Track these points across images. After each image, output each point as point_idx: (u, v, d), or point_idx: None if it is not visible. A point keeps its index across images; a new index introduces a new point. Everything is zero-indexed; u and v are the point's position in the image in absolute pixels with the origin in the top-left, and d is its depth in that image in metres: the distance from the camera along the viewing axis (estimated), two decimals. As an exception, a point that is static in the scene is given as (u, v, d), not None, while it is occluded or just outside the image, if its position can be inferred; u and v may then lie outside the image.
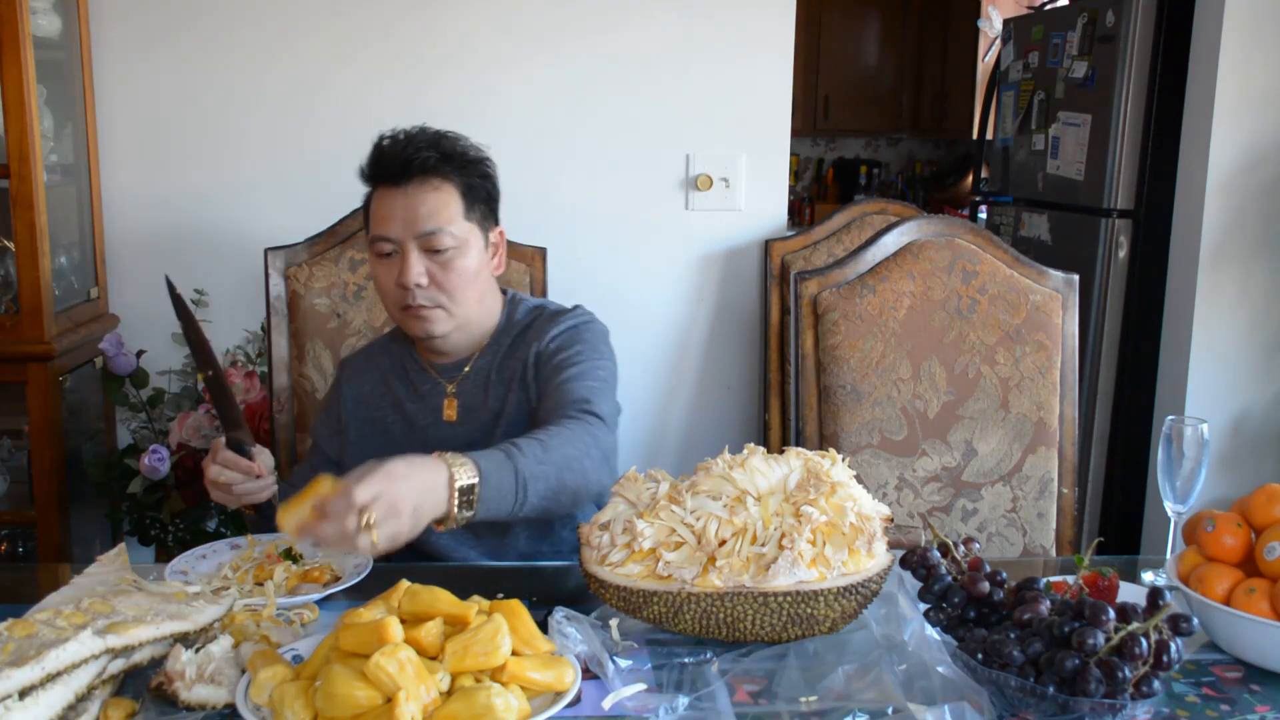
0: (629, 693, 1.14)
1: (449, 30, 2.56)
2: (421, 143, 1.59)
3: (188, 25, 2.51)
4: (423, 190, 1.59)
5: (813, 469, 1.27)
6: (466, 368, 1.69)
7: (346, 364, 1.81)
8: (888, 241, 1.96)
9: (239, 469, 1.50)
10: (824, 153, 6.53)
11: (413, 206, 1.58)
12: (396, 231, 1.58)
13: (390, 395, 1.72)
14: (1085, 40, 3.30)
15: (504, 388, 1.67)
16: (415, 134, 1.61)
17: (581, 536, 1.30)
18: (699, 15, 2.59)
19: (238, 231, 2.57)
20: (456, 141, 1.63)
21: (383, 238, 1.60)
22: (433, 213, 1.58)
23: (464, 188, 1.62)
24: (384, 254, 1.60)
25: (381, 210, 1.61)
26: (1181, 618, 1.11)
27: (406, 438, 1.70)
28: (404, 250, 1.58)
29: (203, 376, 1.53)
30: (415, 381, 1.71)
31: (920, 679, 1.14)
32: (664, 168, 2.66)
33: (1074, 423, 1.98)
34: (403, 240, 1.58)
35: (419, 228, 1.58)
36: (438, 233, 1.58)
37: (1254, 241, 2.95)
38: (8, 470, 2.52)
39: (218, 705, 1.10)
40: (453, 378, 1.69)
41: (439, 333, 1.63)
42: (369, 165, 1.63)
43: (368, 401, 1.74)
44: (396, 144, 1.60)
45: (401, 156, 1.58)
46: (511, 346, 1.69)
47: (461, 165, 1.62)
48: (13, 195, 2.26)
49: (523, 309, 1.73)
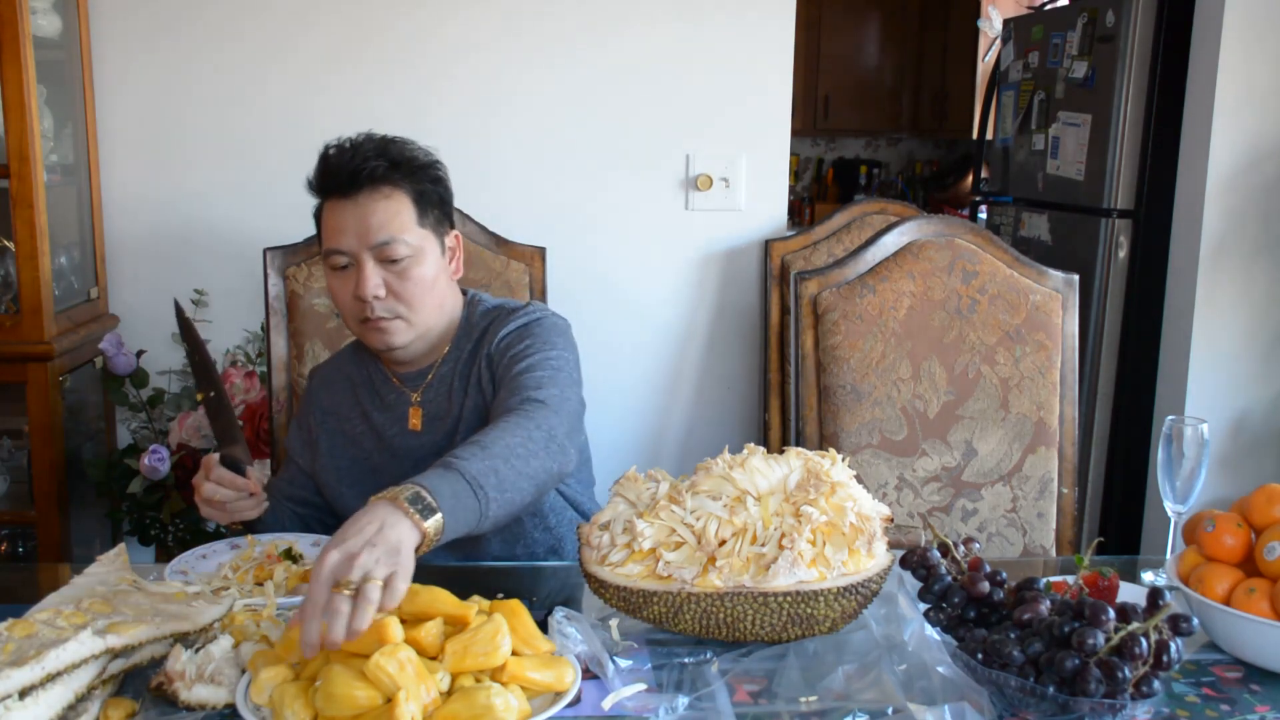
0: (629, 693, 1.14)
1: (448, 31, 2.56)
2: (369, 151, 1.56)
3: (187, 25, 2.51)
4: (373, 200, 1.55)
5: (813, 469, 1.27)
6: (430, 375, 1.65)
7: (315, 374, 1.78)
8: (888, 241, 1.96)
9: (234, 486, 1.48)
10: (824, 153, 6.53)
11: (364, 217, 1.54)
12: (350, 244, 1.55)
13: (358, 406, 1.69)
14: (1085, 40, 3.30)
15: (465, 393, 1.63)
16: (361, 142, 1.58)
17: (581, 536, 1.30)
18: (699, 15, 2.59)
19: (237, 231, 2.57)
20: (405, 147, 1.60)
21: (336, 250, 1.56)
22: (385, 222, 1.55)
23: (415, 194, 1.58)
24: (339, 267, 1.57)
25: (333, 222, 1.57)
26: (1181, 618, 1.11)
27: (376, 448, 1.67)
28: (359, 262, 1.55)
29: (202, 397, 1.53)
30: (381, 391, 1.68)
31: (920, 679, 1.14)
32: (664, 168, 2.66)
33: (1074, 423, 1.98)
34: (357, 252, 1.55)
35: (372, 238, 1.54)
36: (392, 242, 1.54)
37: (1254, 241, 2.95)
38: (8, 470, 2.52)
39: (218, 705, 1.10)
40: (416, 386, 1.65)
41: (399, 344, 1.59)
42: (317, 177, 1.59)
43: (337, 412, 1.71)
44: (343, 154, 1.56)
45: (349, 167, 1.55)
46: (473, 350, 1.65)
47: (411, 172, 1.58)
48: (13, 195, 2.26)
49: (480, 310, 1.68)
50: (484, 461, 1.28)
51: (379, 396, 1.68)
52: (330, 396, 1.72)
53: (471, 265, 2.09)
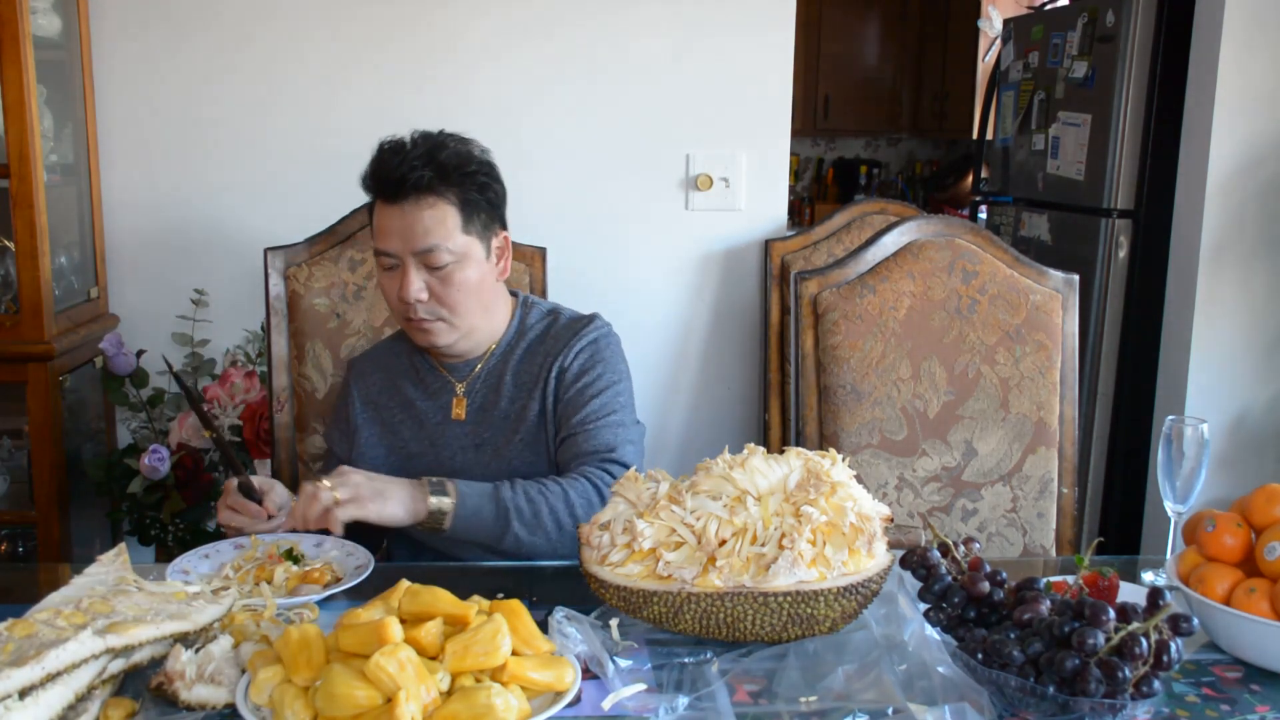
0: (629, 693, 1.14)
1: (447, 31, 2.55)
2: (416, 159, 1.57)
3: (188, 25, 2.51)
4: (418, 208, 1.58)
5: (813, 469, 1.27)
6: (477, 367, 1.70)
7: (354, 365, 1.82)
8: (888, 241, 1.96)
9: (246, 512, 1.52)
10: (824, 153, 6.53)
11: (409, 224, 1.58)
12: (395, 247, 1.60)
13: (399, 394, 1.74)
14: (1085, 40, 3.30)
15: (521, 392, 1.68)
16: (411, 148, 1.59)
17: (581, 536, 1.30)
18: (699, 15, 2.59)
19: (237, 231, 2.57)
20: (456, 152, 1.61)
21: (383, 252, 1.61)
22: (428, 230, 1.58)
23: (461, 201, 1.61)
24: (386, 267, 1.62)
25: (381, 224, 1.62)
26: (1181, 618, 1.11)
27: (416, 436, 1.71)
28: (404, 265, 1.59)
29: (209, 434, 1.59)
30: (425, 380, 1.73)
31: (920, 679, 1.14)
32: (664, 168, 2.66)
33: (1074, 423, 1.98)
34: (401, 256, 1.60)
35: (416, 245, 1.58)
36: (434, 250, 1.58)
37: (1254, 241, 2.95)
38: (8, 470, 2.52)
39: (218, 705, 1.10)
40: (463, 377, 1.71)
41: (442, 343, 1.66)
42: (369, 176, 1.63)
43: (376, 402, 1.75)
44: (393, 158, 1.58)
45: (396, 175, 1.57)
46: (528, 351, 1.70)
47: (459, 179, 1.60)
48: (13, 195, 2.26)
49: (536, 313, 1.75)
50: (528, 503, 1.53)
51: (422, 383, 1.73)
52: (370, 386, 1.76)
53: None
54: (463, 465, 1.69)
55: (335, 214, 2.13)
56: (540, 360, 1.69)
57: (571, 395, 1.66)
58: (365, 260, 2.08)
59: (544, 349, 1.70)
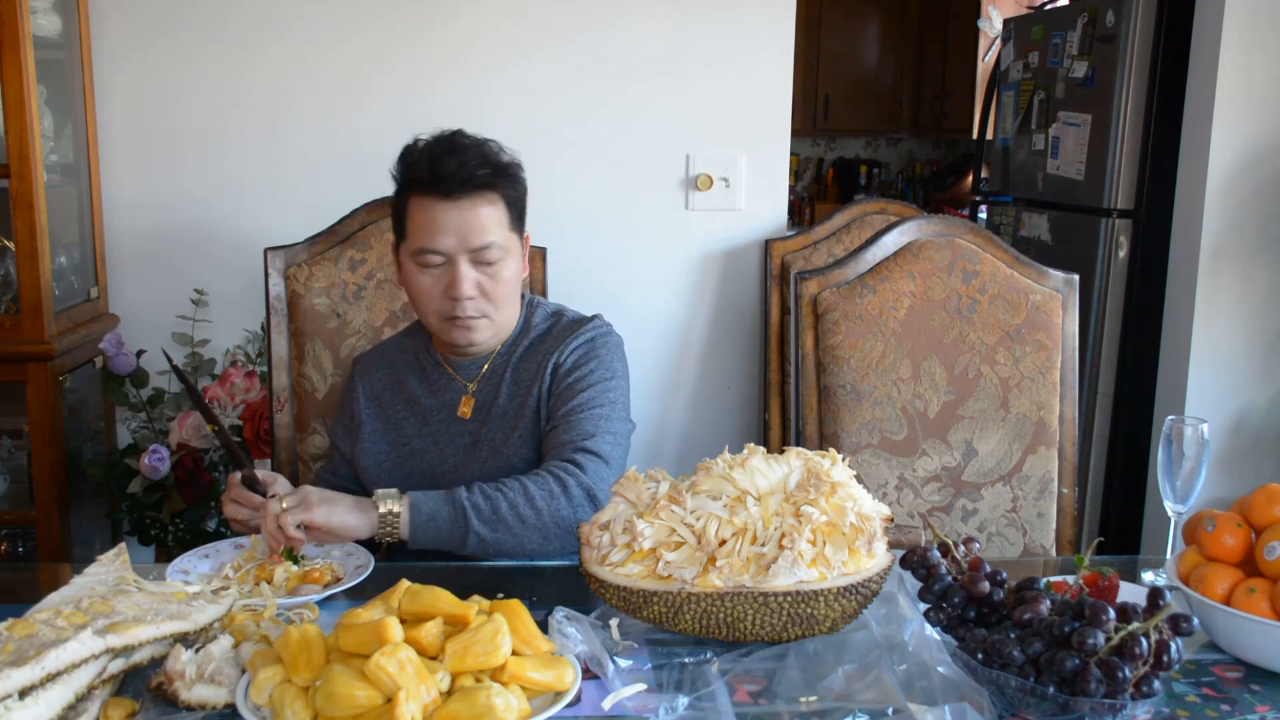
0: (629, 693, 1.14)
1: (447, 30, 2.56)
2: (474, 157, 1.59)
3: (187, 25, 2.51)
4: (476, 205, 1.59)
5: (813, 469, 1.27)
6: (485, 366, 1.71)
7: (359, 361, 1.82)
8: (888, 241, 1.96)
9: (250, 504, 1.52)
10: (824, 153, 6.53)
11: (467, 221, 1.58)
12: (448, 244, 1.59)
13: (404, 391, 1.74)
14: (1085, 40, 3.30)
15: (520, 389, 1.69)
16: (467, 146, 1.61)
17: (581, 536, 1.30)
18: (699, 15, 2.59)
19: (238, 231, 2.57)
20: (501, 152, 1.64)
21: (432, 250, 1.59)
22: (486, 227, 1.59)
23: (508, 199, 1.63)
24: (433, 264, 1.61)
25: (430, 222, 1.59)
26: (1181, 618, 1.11)
27: (419, 433, 1.71)
28: (454, 263, 1.59)
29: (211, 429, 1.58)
30: (431, 377, 1.73)
31: (920, 679, 1.14)
32: (664, 168, 2.66)
33: (1074, 423, 1.98)
34: (454, 253, 1.59)
35: (473, 242, 1.59)
36: (490, 246, 1.60)
37: (1254, 241, 2.95)
38: (8, 470, 2.52)
39: (218, 705, 1.10)
40: (471, 376, 1.71)
41: (480, 340, 1.66)
42: (413, 172, 1.61)
43: (380, 398, 1.75)
44: (450, 156, 1.59)
45: (460, 174, 1.58)
46: (529, 349, 1.71)
47: (507, 177, 1.63)
48: (13, 195, 2.26)
49: (541, 313, 1.75)
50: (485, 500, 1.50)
51: (428, 381, 1.73)
52: (375, 382, 1.76)
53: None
54: (461, 461, 1.69)
55: (335, 214, 2.14)
56: (540, 358, 1.70)
57: (563, 389, 1.65)
58: (365, 260, 2.08)
59: (544, 347, 1.71)
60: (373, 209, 2.10)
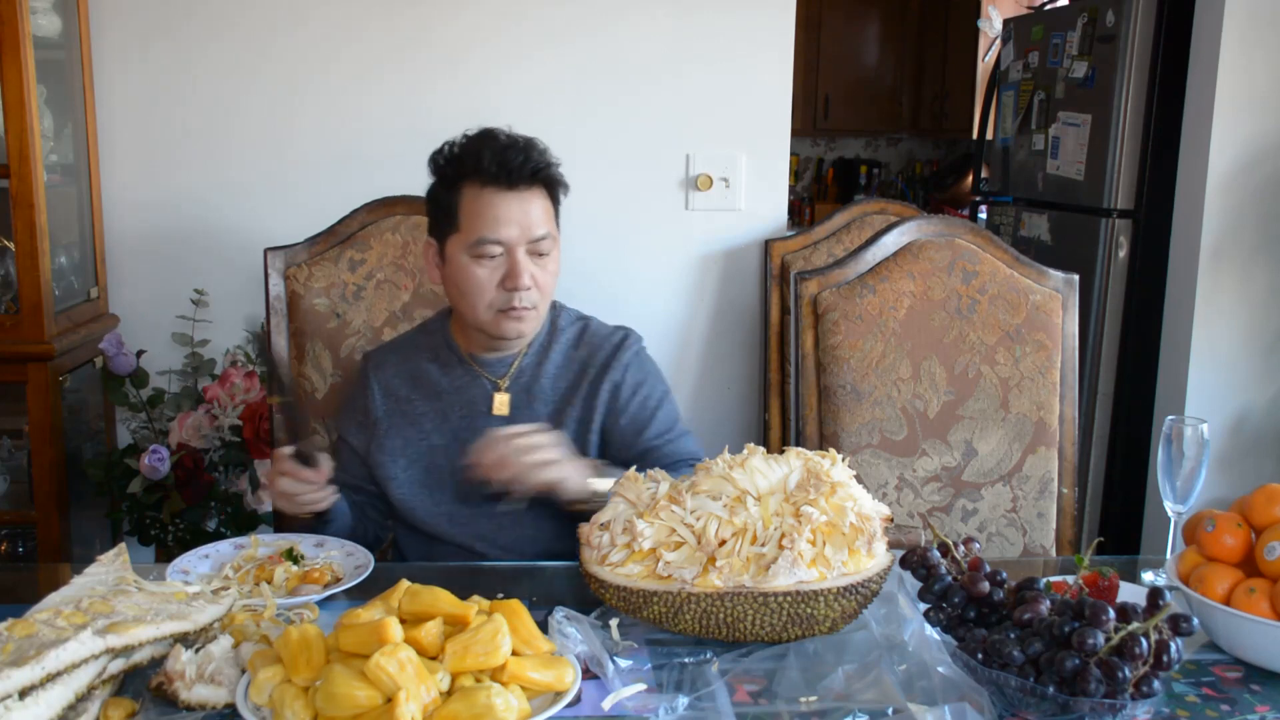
0: (629, 693, 1.14)
1: (447, 30, 2.56)
2: (533, 151, 1.63)
3: (187, 25, 2.51)
4: (534, 197, 1.62)
5: (813, 469, 1.27)
6: (515, 364, 1.71)
7: (371, 358, 1.80)
8: (888, 241, 1.96)
9: (303, 478, 1.52)
10: (824, 153, 6.53)
11: (527, 212, 1.61)
12: (510, 235, 1.60)
13: (423, 387, 1.73)
14: (1085, 40, 3.30)
15: (562, 400, 1.70)
16: (522, 141, 1.63)
17: (581, 536, 1.30)
18: (699, 15, 2.59)
19: (237, 231, 2.57)
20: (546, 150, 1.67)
21: (493, 240, 1.60)
22: (541, 219, 1.63)
23: (553, 195, 1.67)
24: (490, 255, 1.61)
25: (489, 212, 1.60)
26: (1181, 618, 1.11)
27: (439, 429, 1.70)
28: (512, 253, 1.61)
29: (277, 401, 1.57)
30: (453, 373, 1.72)
31: (920, 679, 1.14)
32: (664, 168, 2.66)
33: (1074, 423, 1.98)
34: (514, 244, 1.60)
35: (533, 232, 1.61)
36: (546, 237, 1.63)
37: (1254, 241, 2.95)
38: (8, 470, 2.52)
39: (218, 705, 1.10)
40: (500, 373, 1.71)
41: (529, 331, 1.68)
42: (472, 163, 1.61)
43: (397, 394, 1.74)
44: (512, 149, 1.61)
45: (525, 166, 1.61)
46: (566, 358, 1.72)
47: (556, 173, 1.67)
48: (13, 195, 2.26)
49: (566, 316, 1.77)
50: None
51: (450, 377, 1.72)
52: (391, 378, 1.75)
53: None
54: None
55: (335, 214, 2.14)
56: (580, 370, 1.71)
57: (633, 411, 1.71)
58: (365, 260, 2.08)
59: (582, 357, 1.72)
60: (373, 209, 2.10)
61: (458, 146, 1.64)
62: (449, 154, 1.65)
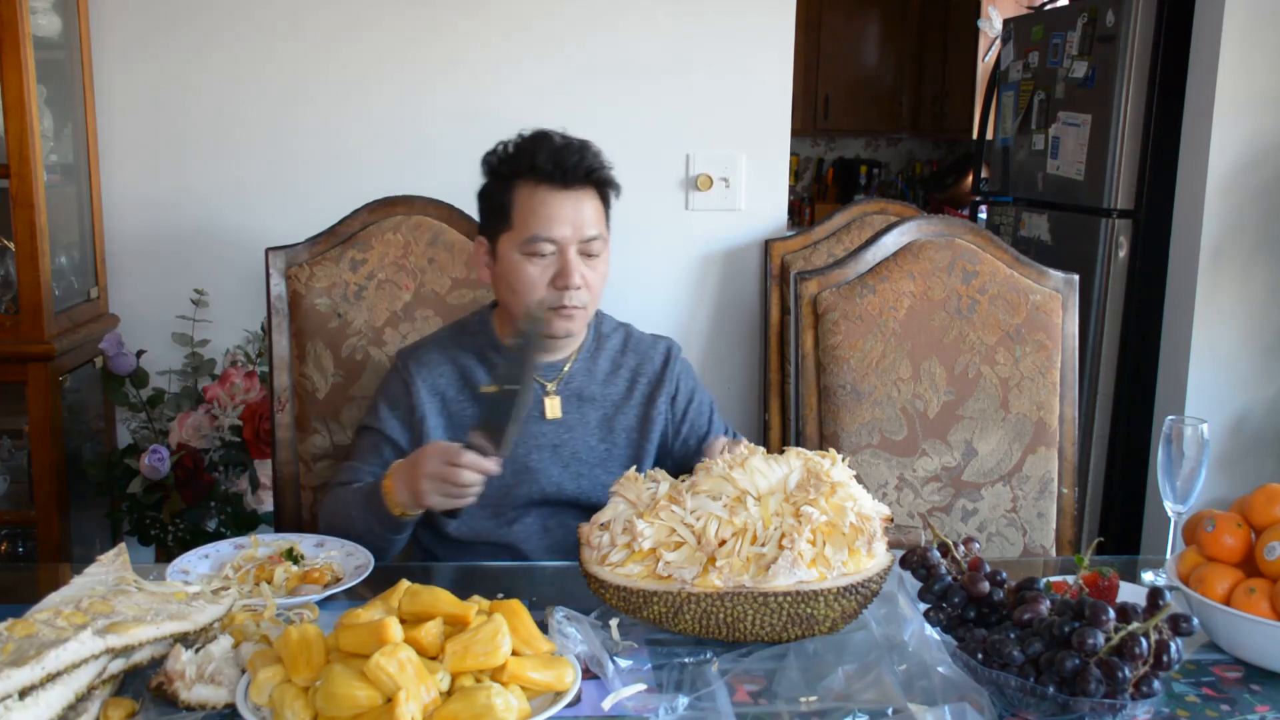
0: (629, 693, 1.14)
1: (448, 31, 2.56)
2: (590, 153, 1.64)
3: (187, 25, 2.51)
4: (588, 197, 1.63)
5: (813, 469, 1.27)
6: (565, 367, 1.72)
7: (411, 354, 1.77)
8: (888, 241, 1.96)
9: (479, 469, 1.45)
10: (824, 153, 6.53)
11: (581, 212, 1.62)
12: (563, 234, 1.61)
13: (469, 385, 1.72)
14: (1085, 40, 3.30)
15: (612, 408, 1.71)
16: (579, 142, 1.64)
17: (581, 536, 1.30)
18: (699, 16, 2.59)
19: (238, 231, 2.57)
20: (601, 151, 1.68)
21: (546, 238, 1.61)
22: (593, 219, 1.63)
23: (605, 198, 1.68)
24: (542, 253, 1.62)
25: (543, 210, 1.61)
26: (1181, 618, 1.11)
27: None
28: (564, 252, 1.61)
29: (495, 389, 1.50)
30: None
31: (920, 679, 1.14)
32: (664, 168, 2.66)
33: (1074, 423, 1.98)
34: (566, 244, 1.61)
35: (586, 232, 1.62)
36: (598, 238, 1.64)
37: (1254, 241, 2.95)
38: (8, 470, 2.52)
39: (218, 705, 1.10)
40: (549, 377, 1.71)
41: (576, 331, 1.68)
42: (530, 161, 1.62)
43: (444, 394, 1.73)
44: (569, 150, 1.62)
45: (583, 167, 1.61)
46: (614, 365, 1.74)
47: (610, 175, 1.68)
48: (13, 195, 2.26)
49: (609, 322, 1.79)
50: None
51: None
52: (435, 376, 1.74)
53: (473, 266, 2.09)
54: (537, 463, 1.68)
55: (336, 214, 2.13)
56: (631, 378, 1.74)
57: (691, 417, 1.77)
58: (366, 260, 2.08)
59: (631, 364, 1.75)
60: (374, 209, 2.10)
61: (513, 146, 1.65)
62: (503, 153, 1.66)
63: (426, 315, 2.06)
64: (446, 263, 2.09)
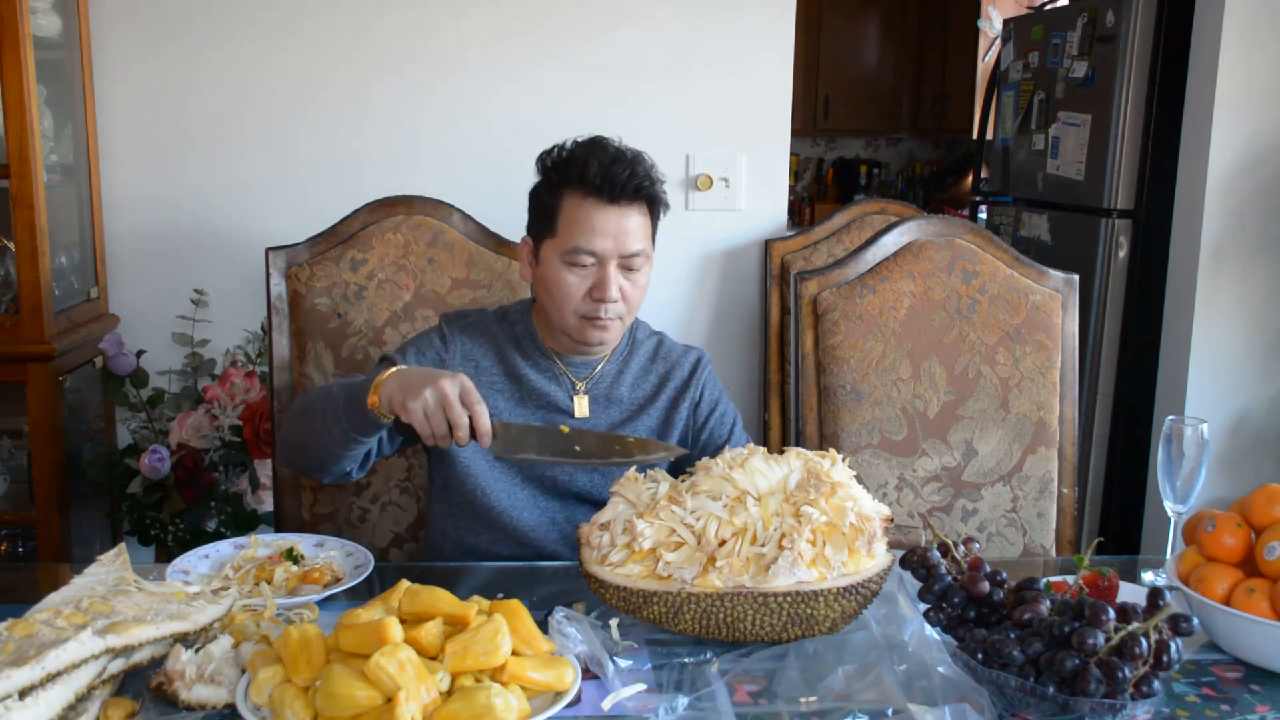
0: (629, 693, 1.14)
1: (449, 31, 2.56)
2: (640, 168, 1.64)
3: (188, 25, 2.51)
4: (634, 212, 1.63)
5: (813, 469, 1.27)
6: (598, 368, 1.73)
7: (453, 321, 1.77)
8: (888, 241, 1.96)
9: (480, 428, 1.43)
10: (824, 153, 6.53)
11: (625, 227, 1.62)
12: (605, 247, 1.61)
13: (505, 364, 1.72)
14: (1085, 40, 3.30)
15: (636, 411, 1.72)
16: (631, 156, 1.64)
17: (581, 536, 1.30)
18: (699, 16, 2.59)
19: (238, 231, 2.57)
20: (653, 167, 1.68)
21: (587, 250, 1.61)
22: (637, 235, 1.63)
23: (653, 214, 1.68)
24: (582, 264, 1.62)
25: (587, 222, 1.61)
26: (1181, 618, 1.11)
27: (511, 410, 1.69)
28: (604, 265, 1.61)
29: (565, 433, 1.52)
30: (538, 363, 1.72)
31: (920, 679, 1.14)
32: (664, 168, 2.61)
33: (1074, 423, 1.98)
34: (607, 256, 1.61)
35: (627, 248, 1.62)
36: (640, 253, 1.63)
37: (1254, 241, 2.95)
38: (8, 470, 2.52)
39: (218, 705, 1.10)
40: (582, 376, 1.72)
41: (610, 341, 1.68)
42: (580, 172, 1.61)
43: (479, 363, 1.73)
44: (618, 164, 1.61)
45: (631, 182, 1.61)
46: (643, 370, 1.75)
47: (660, 192, 1.68)
48: (13, 195, 2.26)
49: (643, 329, 1.80)
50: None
51: (533, 363, 1.72)
52: (472, 346, 1.74)
53: (473, 266, 2.09)
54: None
55: (336, 214, 2.13)
56: (658, 384, 1.74)
57: (712, 426, 1.77)
58: (366, 261, 2.08)
59: (660, 371, 1.75)
60: (374, 209, 2.10)
61: (566, 151, 1.65)
62: (557, 158, 1.66)
63: (426, 315, 2.06)
64: (446, 263, 2.09)
